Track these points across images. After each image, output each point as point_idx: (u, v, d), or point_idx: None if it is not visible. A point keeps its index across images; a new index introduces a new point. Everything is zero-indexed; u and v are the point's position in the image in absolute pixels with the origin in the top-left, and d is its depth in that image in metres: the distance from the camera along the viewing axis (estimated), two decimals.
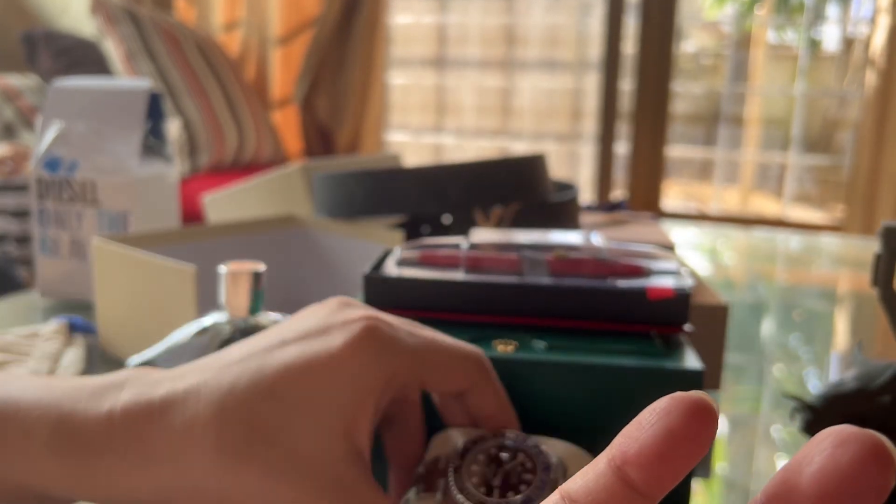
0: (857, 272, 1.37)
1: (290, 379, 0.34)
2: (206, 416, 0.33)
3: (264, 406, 0.34)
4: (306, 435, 0.34)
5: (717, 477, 0.61)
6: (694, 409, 0.21)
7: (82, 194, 0.95)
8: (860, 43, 2.98)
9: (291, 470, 0.33)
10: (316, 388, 0.34)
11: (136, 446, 0.33)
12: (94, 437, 0.34)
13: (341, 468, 0.34)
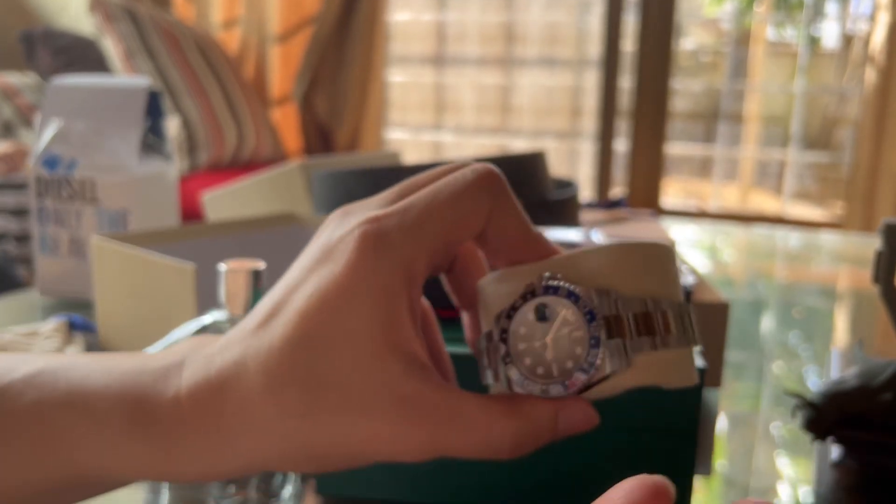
0: (857, 269, 1.37)
1: (314, 322, 0.33)
2: (259, 387, 0.33)
3: (303, 357, 0.33)
4: (353, 368, 0.33)
5: (717, 474, 0.61)
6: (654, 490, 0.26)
7: (81, 193, 0.95)
8: (859, 40, 2.98)
9: (355, 407, 0.32)
10: (340, 319, 0.33)
11: (209, 426, 0.33)
12: (169, 424, 0.33)
13: (400, 385, 0.33)
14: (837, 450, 0.60)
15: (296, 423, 0.33)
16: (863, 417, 0.58)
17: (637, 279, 0.33)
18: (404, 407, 0.32)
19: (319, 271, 0.34)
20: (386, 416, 0.32)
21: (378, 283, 0.33)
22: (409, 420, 0.32)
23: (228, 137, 2.86)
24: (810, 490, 0.58)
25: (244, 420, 0.33)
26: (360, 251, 0.33)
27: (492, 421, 0.33)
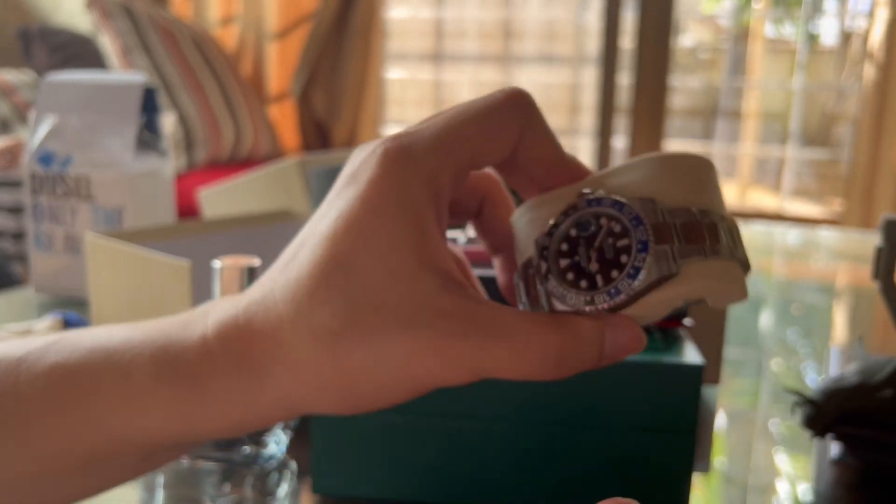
0: (856, 266, 1.37)
1: (342, 244, 0.31)
2: (289, 315, 0.31)
3: (333, 280, 0.31)
4: (387, 286, 0.31)
5: (716, 471, 0.61)
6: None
7: (76, 189, 0.94)
8: (858, 36, 2.98)
9: (393, 324, 0.31)
10: (370, 238, 0.31)
11: (240, 364, 0.32)
12: (198, 366, 0.32)
13: (438, 300, 0.31)
14: (837, 447, 0.60)
15: (330, 348, 0.31)
16: (862, 414, 0.57)
17: (682, 189, 0.32)
18: (444, 321, 0.31)
19: (343, 195, 0.33)
20: (426, 331, 0.30)
21: (404, 198, 0.32)
22: (450, 334, 0.31)
23: (226, 134, 2.86)
24: (809, 487, 0.58)
25: (275, 353, 0.31)
26: (383, 167, 0.32)
27: (535, 333, 0.31)
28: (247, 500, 0.53)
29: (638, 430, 0.46)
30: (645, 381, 0.44)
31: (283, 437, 0.57)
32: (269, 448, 0.56)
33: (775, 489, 0.57)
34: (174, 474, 0.56)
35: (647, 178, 0.32)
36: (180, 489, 0.54)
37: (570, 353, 0.31)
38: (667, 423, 0.46)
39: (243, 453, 0.55)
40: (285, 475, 0.56)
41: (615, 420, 0.45)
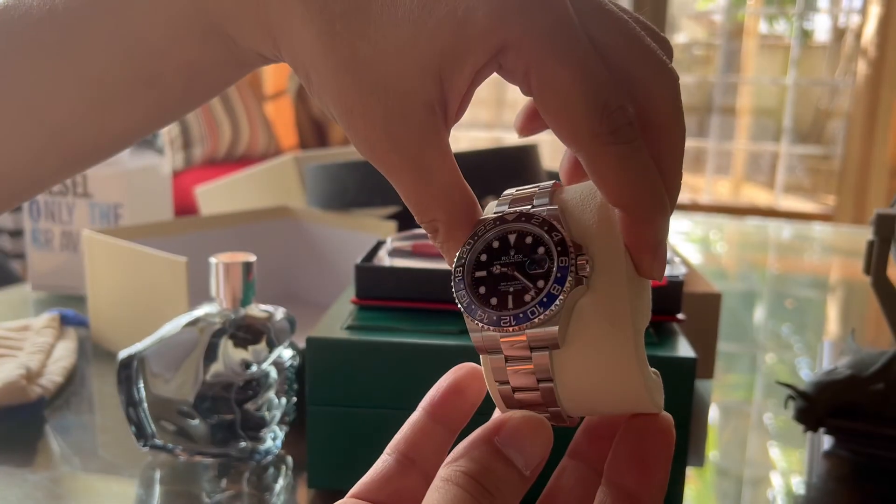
0: (849, 260, 1.37)
1: (393, 13, 0.30)
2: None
3: (370, 16, 0.30)
4: (398, 65, 0.29)
5: (710, 464, 0.61)
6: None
7: (73, 186, 0.94)
8: (851, 33, 2.99)
9: (369, 87, 0.30)
10: (421, 27, 0.29)
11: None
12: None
13: (421, 111, 0.30)
14: (829, 440, 0.60)
15: (321, 28, 0.30)
16: (854, 407, 0.58)
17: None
18: (405, 123, 0.30)
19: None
20: (387, 113, 0.30)
21: (475, 29, 0.29)
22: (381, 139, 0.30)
23: (223, 132, 2.86)
24: (802, 480, 0.58)
25: (284, 25, 0.31)
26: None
27: (448, 186, 0.30)
28: (243, 495, 0.54)
29: None
30: None
31: (279, 433, 0.57)
32: (265, 443, 0.56)
33: (769, 482, 0.58)
34: (171, 470, 0.56)
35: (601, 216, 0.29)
36: (177, 485, 0.55)
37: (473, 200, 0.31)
38: None
39: (240, 448, 0.55)
40: (281, 470, 0.56)
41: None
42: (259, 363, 0.54)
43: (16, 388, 0.62)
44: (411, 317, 0.48)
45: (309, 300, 0.92)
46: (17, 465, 0.57)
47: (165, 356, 0.54)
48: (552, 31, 0.29)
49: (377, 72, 0.30)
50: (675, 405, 0.46)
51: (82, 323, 0.81)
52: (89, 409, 0.68)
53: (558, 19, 0.29)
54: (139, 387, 0.55)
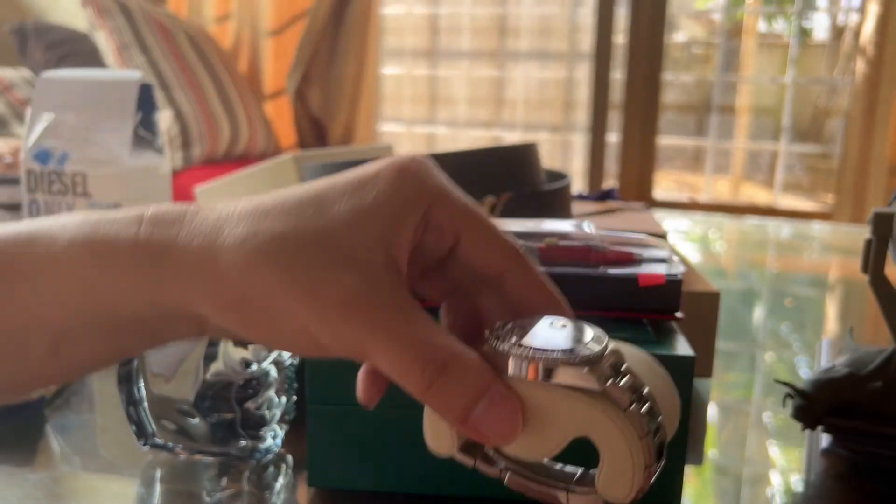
0: (848, 259, 1.37)
1: (333, 189, 0.33)
2: (241, 213, 0.32)
3: (303, 205, 0.32)
4: (343, 230, 0.32)
5: (709, 463, 0.61)
6: None
7: (72, 186, 0.94)
8: (850, 31, 2.99)
9: (324, 259, 0.31)
10: (358, 195, 0.33)
11: (161, 238, 0.32)
12: (120, 232, 0.32)
13: (379, 269, 0.32)
14: (827, 438, 0.60)
15: (259, 255, 0.31)
16: (852, 406, 0.58)
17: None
18: (376, 286, 0.31)
19: (349, 172, 0.34)
20: (358, 284, 0.31)
21: (404, 190, 0.33)
22: (361, 303, 0.31)
23: (222, 131, 2.86)
24: (800, 478, 0.58)
25: (207, 238, 0.31)
26: (401, 163, 0.34)
27: (430, 335, 0.31)
28: (244, 493, 0.54)
29: None
30: None
31: (279, 431, 0.57)
32: (265, 442, 0.56)
33: (768, 480, 0.58)
34: (171, 469, 0.56)
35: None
36: (178, 484, 0.55)
37: (447, 378, 0.31)
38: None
39: (240, 447, 0.55)
40: (281, 469, 0.57)
41: None
42: (259, 362, 0.54)
43: None
44: None
45: None
46: (17, 465, 0.57)
47: (165, 355, 0.54)
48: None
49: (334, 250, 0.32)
50: None
51: None
52: (90, 408, 0.68)
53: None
54: (139, 386, 0.55)
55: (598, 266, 0.52)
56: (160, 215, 0.33)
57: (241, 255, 0.31)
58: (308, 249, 0.31)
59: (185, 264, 0.32)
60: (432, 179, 0.34)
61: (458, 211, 0.34)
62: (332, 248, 0.31)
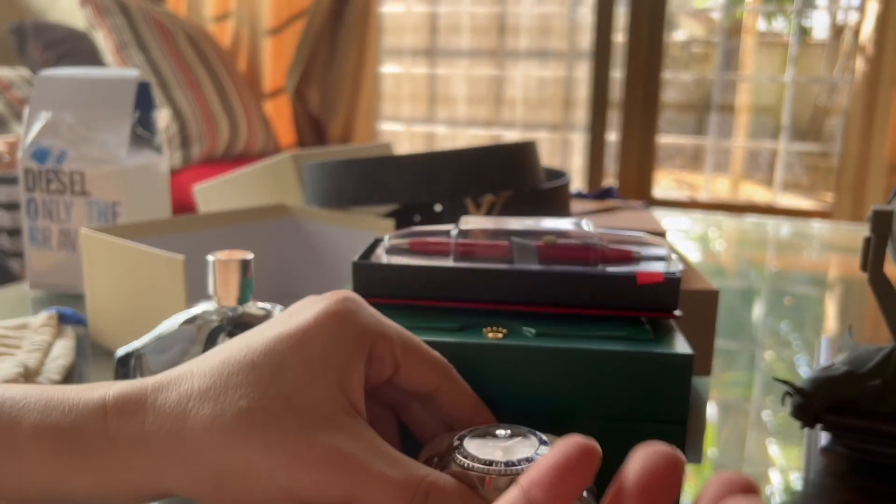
0: (847, 258, 1.37)
1: (280, 346, 0.34)
2: (201, 389, 0.33)
3: (257, 371, 0.33)
4: (304, 389, 0.34)
5: (708, 461, 0.61)
6: (584, 447, 0.29)
7: (71, 185, 0.94)
8: (850, 30, 2.98)
9: (294, 422, 0.33)
10: (306, 351, 0.35)
11: (130, 430, 0.33)
12: (86, 423, 0.33)
13: (345, 418, 0.34)
14: (826, 436, 0.60)
15: (225, 429, 0.32)
16: (852, 404, 0.58)
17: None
18: (344, 436, 0.33)
19: (295, 316, 0.37)
20: (319, 436, 0.33)
21: (350, 332, 0.36)
22: (339, 450, 0.33)
23: (221, 130, 2.86)
24: (800, 476, 0.58)
25: (169, 426, 0.33)
26: (345, 305, 0.37)
27: (409, 470, 0.34)
28: None
29: (628, 421, 0.46)
30: (634, 371, 0.44)
31: None
32: None
33: (767, 478, 0.58)
34: None
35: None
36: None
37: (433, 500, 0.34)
38: (657, 414, 0.46)
39: None
40: None
41: (605, 410, 0.46)
42: None
43: None
44: (409, 314, 0.48)
45: None
46: None
47: (163, 354, 0.54)
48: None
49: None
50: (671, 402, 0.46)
51: (80, 321, 0.81)
52: None
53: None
54: None
55: (597, 264, 0.52)
56: (122, 402, 0.33)
57: (214, 436, 0.32)
58: (277, 418, 0.33)
59: (158, 452, 0.33)
60: (367, 318, 0.37)
61: (396, 343, 0.38)
62: (299, 413, 0.33)
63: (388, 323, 0.39)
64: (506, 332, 0.46)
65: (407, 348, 0.39)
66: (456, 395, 0.40)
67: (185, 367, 0.35)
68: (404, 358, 0.38)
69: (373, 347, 0.37)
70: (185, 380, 0.34)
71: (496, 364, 0.44)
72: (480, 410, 0.41)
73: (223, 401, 0.33)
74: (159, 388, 0.34)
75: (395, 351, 0.38)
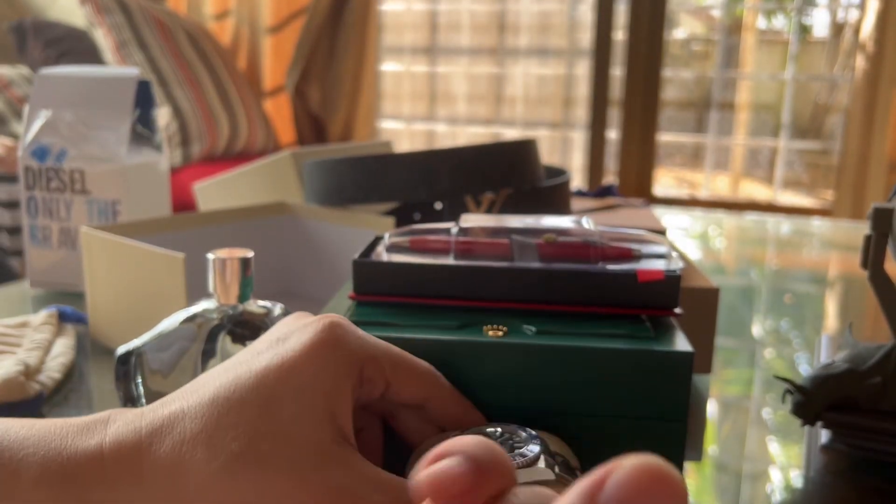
0: (847, 255, 1.37)
1: (268, 380, 0.35)
2: (193, 433, 0.33)
3: (247, 409, 0.34)
4: (293, 424, 0.34)
5: (709, 459, 0.61)
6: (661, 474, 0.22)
7: (71, 183, 0.94)
8: (850, 27, 2.98)
9: (285, 460, 0.33)
10: (294, 381, 0.35)
11: (128, 477, 0.33)
12: (86, 473, 0.33)
13: (334, 449, 0.34)
14: (826, 434, 0.60)
15: (219, 471, 0.33)
16: (852, 401, 0.58)
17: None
18: (334, 467, 0.34)
19: (283, 343, 0.37)
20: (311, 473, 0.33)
21: (337, 358, 0.36)
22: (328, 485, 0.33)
23: (221, 129, 2.86)
24: (800, 474, 0.58)
25: (166, 472, 0.33)
26: (330, 330, 0.37)
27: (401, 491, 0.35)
28: None
29: (628, 418, 0.46)
30: (635, 368, 0.44)
31: None
32: None
33: (767, 476, 0.58)
34: None
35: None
36: None
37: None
38: (657, 411, 0.46)
39: None
40: None
41: (605, 408, 0.46)
42: None
43: (14, 384, 0.63)
44: (409, 312, 0.48)
45: (307, 296, 0.92)
46: None
47: (164, 352, 0.54)
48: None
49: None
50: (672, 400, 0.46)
51: (81, 319, 0.81)
52: (88, 405, 0.68)
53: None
54: (137, 383, 0.55)
55: (597, 262, 0.52)
56: (117, 449, 0.34)
57: (208, 481, 0.33)
58: (269, 459, 0.33)
59: (156, 498, 0.33)
60: (355, 343, 0.37)
61: (386, 363, 0.38)
62: (290, 449, 0.34)
63: (375, 343, 0.39)
64: (506, 330, 0.46)
65: (397, 367, 0.39)
66: (446, 402, 0.41)
67: (177, 404, 0.35)
68: (393, 375, 0.39)
69: (362, 371, 0.37)
70: (177, 422, 0.34)
71: (496, 362, 0.44)
72: (471, 414, 0.42)
73: (215, 444, 0.33)
74: (153, 434, 0.34)
75: (384, 372, 0.38)
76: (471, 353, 0.44)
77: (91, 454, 0.33)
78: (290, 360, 0.35)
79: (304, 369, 0.35)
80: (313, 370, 0.35)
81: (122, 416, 0.35)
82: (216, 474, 0.33)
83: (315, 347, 0.36)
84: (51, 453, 0.34)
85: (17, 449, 0.34)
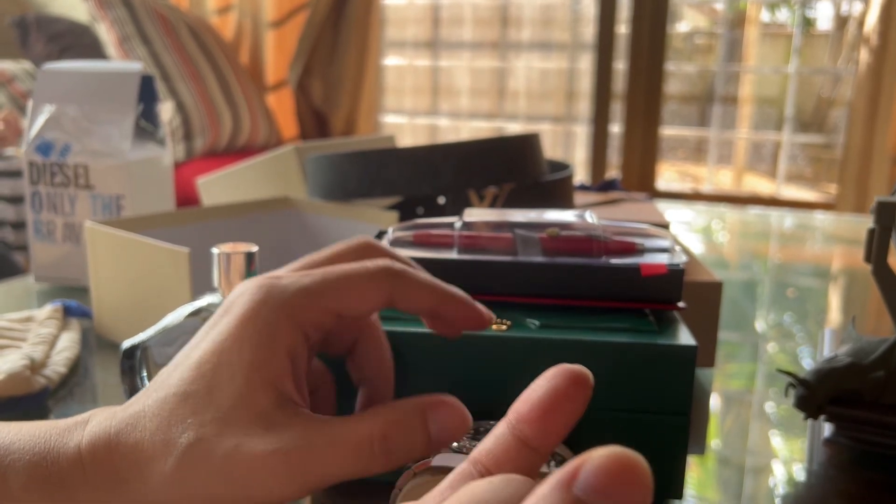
0: (850, 249, 1.37)
1: (205, 368, 0.35)
2: (151, 429, 0.35)
3: (191, 401, 0.35)
4: (236, 405, 0.35)
5: (712, 453, 0.61)
6: (573, 375, 0.29)
7: (75, 178, 0.95)
8: (854, 21, 2.98)
9: (231, 441, 0.34)
10: (226, 361, 0.35)
11: (104, 476, 0.35)
12: (68, 475, 0.35)
13: (278, 414, 0.35)
14: (829, 427, 0.60)
15: (175, 463, 0.34)
16: (855, 395, 0.58)
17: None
18: (276, 433, 0.34)
19: (216, 326, 0.37)
20: (259, 441, 0.34)
21: (262, 325, 0.36)
22: (278, 450, 0.34)
23: (224, 123, 2.86)
24: (803, 467, 0.59)
25: (134, 468, 0.34)
26: (252, 300, 0.37)
27: (356, 428, 0.35)
28: None
29: (632, 412, 0.46)
30: (638, 362, 0.44)
31: None
32: None
33: (770, 470, 0.58)
34: None
35: None
36: None
37: (392, 438, 0.35)
38: (661, 405, 0.46)
39: None
40: None
41: (608, 402, 0.46)
42: None
43: (20, 378, 0.63)
44: None
45: None
46: None
47: (169, 346, 0.54)
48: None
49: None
50: (675, 394, 0.46)
51: (85, 314, 0.81)
52: (93, 399, 0.68)
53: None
54: (142, 377, 0.55)
55: (601, 256, 0.52)
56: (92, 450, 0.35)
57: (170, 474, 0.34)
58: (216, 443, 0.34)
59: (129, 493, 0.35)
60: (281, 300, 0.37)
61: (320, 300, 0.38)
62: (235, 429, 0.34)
63: (300, 289, 0.37)
64: (510, 324, 0.46)
65: (336, 292, 0.38)
66: (410, 296, 0.39)
67: (140, 403, 0.36)
68: (339, 301, 0.38)
69: (303, 321, 0.37)
70: (140, 420, 0.35)
71: (500, 356, 0.44)
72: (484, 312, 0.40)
73: (170, 439, 0.34)
74: (120, 433, 0.35)
75: (325, 307, 0.37)
76: (475, 347, 0.44)
77: (71, 456, 0.35)
78: (220, 342, 0.36)
79: (233, 347, 0.36)
80: (241, 348, 0.36)
81: (98, 416, 0.37)
82: (174, 468, 0.34)
83: (240, 325, 0.36)
84: (35, 458, 0.35)
85: (2, 455, 0.35)
